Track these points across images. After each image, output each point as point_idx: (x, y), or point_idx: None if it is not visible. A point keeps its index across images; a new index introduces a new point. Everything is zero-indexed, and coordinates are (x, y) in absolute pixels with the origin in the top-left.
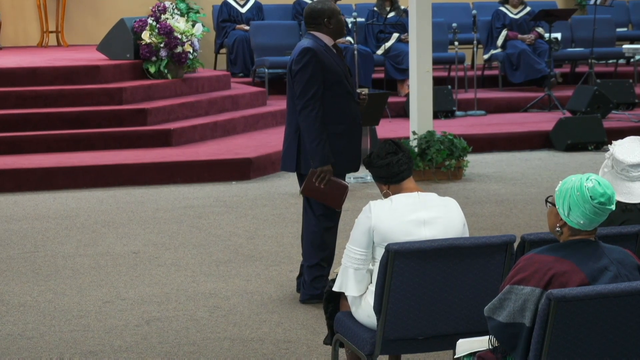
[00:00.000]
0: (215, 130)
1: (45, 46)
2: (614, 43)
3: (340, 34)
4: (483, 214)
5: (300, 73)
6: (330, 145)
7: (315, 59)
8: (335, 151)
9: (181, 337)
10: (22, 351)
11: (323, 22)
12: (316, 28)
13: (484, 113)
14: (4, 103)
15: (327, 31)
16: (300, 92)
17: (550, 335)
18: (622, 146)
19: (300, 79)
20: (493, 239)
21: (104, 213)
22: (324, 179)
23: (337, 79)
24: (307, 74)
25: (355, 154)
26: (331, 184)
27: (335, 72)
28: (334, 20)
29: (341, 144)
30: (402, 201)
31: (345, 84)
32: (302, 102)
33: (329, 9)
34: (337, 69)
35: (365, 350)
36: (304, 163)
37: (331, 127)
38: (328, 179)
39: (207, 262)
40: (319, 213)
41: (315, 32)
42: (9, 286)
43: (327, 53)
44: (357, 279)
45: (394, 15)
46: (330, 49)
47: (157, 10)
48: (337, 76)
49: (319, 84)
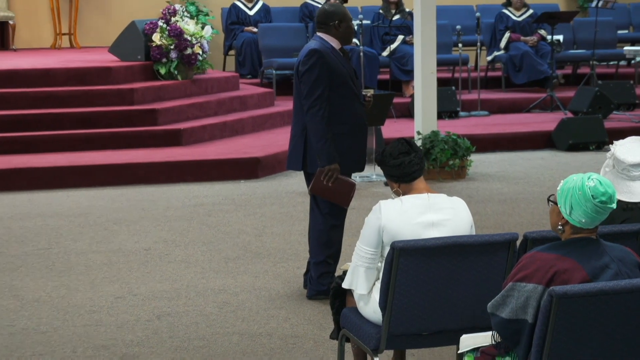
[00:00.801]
0: (224, 130)
1: (58, 48)
2: (615, 45)
3: (348, 40)
4: (486, 212)
5: (307, 74)
6: (335, 145)
7: (321, 61)
8: (340, 151)
9: (191, 331)
10: (36, 345)
11: (333, 25)
12: (326, 30)
13: (487, 113)
14: (19, 103)
15: (335, 34)
16: (307, 92)
17: (552, 331)
18: (623, 146)
19: (307, 79)
20: (496, 237)
21: (116, 211)
22: (331, 177)
23: (343, 81)
24: (314, 75)
25: (360, 154)
26: (339, 182)
27: (341, 74)
28: (343, 25)
29: (346, 144)
30: (411, 202)
31: (351, 86)
32: (309, 102)
33: (341, 13)
34: (343, 70)
35: (370, 345)
36: (310, 162)
37: (336, 128)
38: (335, 177)
39: (216, 259)
40: (326, 211)
41: (323, 34)
42: (24, 282)
43: (333, 55)
44: (367, 277)
45: (399, 17)
46: (337, 51)
47: (168, 12)
48: (343, 78)
49: (325, 85)
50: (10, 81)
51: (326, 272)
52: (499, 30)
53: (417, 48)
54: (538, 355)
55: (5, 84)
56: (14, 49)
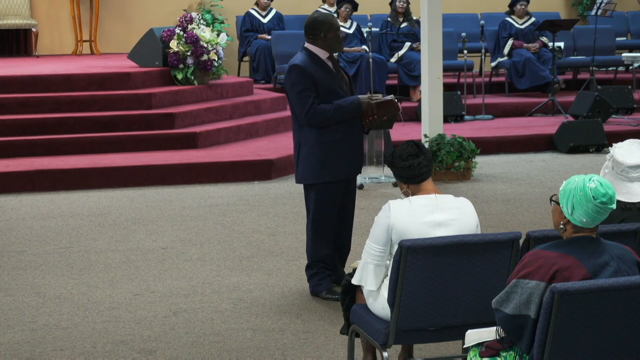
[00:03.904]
0: (238, 133)
1: (79, 54)
2: (613, 51)
3: (335, 49)
4: (490, 212)
5: (291, 90)
6: (330, 151)
7: (301, 74)
8: (335, 157)
9: (206, 327)
10: (57, 340)
11: (319, 36)
12: (313, 40)
13: (491, 117)
14: (41, 108)
15: (322, 44)
16: (298, 108)
17: (553, 326)
18: (622, 148)
19: (292, 95)
20: (500, 236)
21: (135, 211)
22: (371, 110)
23: (330, 89)
24: (298, 88)
25: (356, 158)
26: (379, 106)
27: (325, 84)
28: (330, 35)
29: (340, 150)
30: (419, 202)
31: (340, 93)
32: (304, 114)
33: (327, 22)
34: (327, 81)
35: (379, 340)
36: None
37: (329, 135)
38: (374, 107)
39: (231, 257)
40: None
41: (311, 44)
42: (45, 279)
43: (318, 66)
44: (377, 274)
45: (406, 25)
46: (324, 61)
47: (185, 20)
48: (329, 87)
49: (313, 95)
50: (34, 86)
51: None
52: (502, 38)
53: (424, 54)
54: (540, 349)
55: (28, 89)
56: (37, 55)
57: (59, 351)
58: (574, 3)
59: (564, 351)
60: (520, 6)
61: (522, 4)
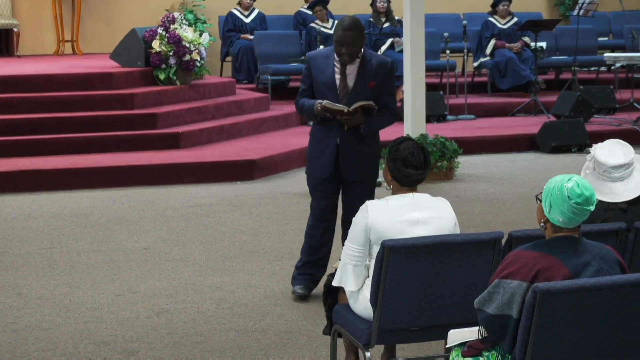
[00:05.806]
0: (221, 133)
1: (61, 54)
2: (595, 51)
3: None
4: (473, 212)
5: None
6: (312, 148)
7: (308, 64)
8: (313, 155)
9: (189, 328)
10: (39, 341)
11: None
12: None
13: (473, 117)
14: (23, 108)
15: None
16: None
17: (536, 326)
18: (603, 149)
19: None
20: (482, 236)
21: (117, 211)
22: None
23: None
24: (302, 74)
25: (327, 161)
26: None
27: (318, 81)
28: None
29: (318, 149)
30: (397, 202)
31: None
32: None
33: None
34: (323, 79)
35: (362, 340)
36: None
37: (314, 132)
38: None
39: (213, 257)
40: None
41: None
42: (27, 280)
43: (325, 61)
44: (356, 274)
45: (388, 25)
46: (334, 61)
47: (167, 20)
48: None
49: (307, 84)
50: (15, 86)
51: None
52: (485, 38)
53: (407, 54)
54: (522, 349)
55: (10, 89)
56: (19, 55)
57: (40, 352)
58: (556, 3)
59: (546, 351)
60: (503, 6)
61: (504, 4)
